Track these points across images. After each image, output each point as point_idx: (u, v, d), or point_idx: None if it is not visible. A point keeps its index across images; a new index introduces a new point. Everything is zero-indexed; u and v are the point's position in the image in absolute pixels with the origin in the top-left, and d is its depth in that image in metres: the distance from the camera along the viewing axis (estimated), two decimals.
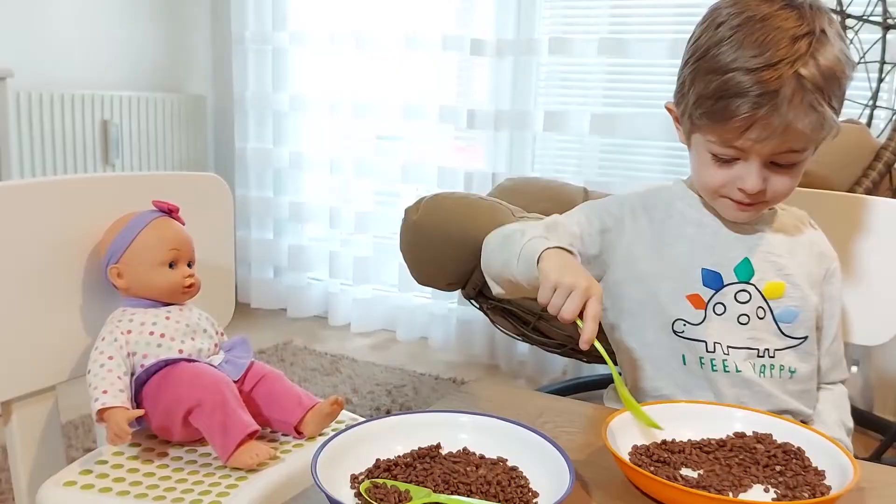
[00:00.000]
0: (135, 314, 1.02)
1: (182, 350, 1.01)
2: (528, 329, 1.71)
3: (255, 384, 1.03)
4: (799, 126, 0.88)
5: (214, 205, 1.24)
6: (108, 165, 2.82)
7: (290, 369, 2.50)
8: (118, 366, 0.96)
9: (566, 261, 0.89)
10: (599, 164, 2.50)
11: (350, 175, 2.88)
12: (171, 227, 1.06)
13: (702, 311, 1.00)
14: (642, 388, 1.06)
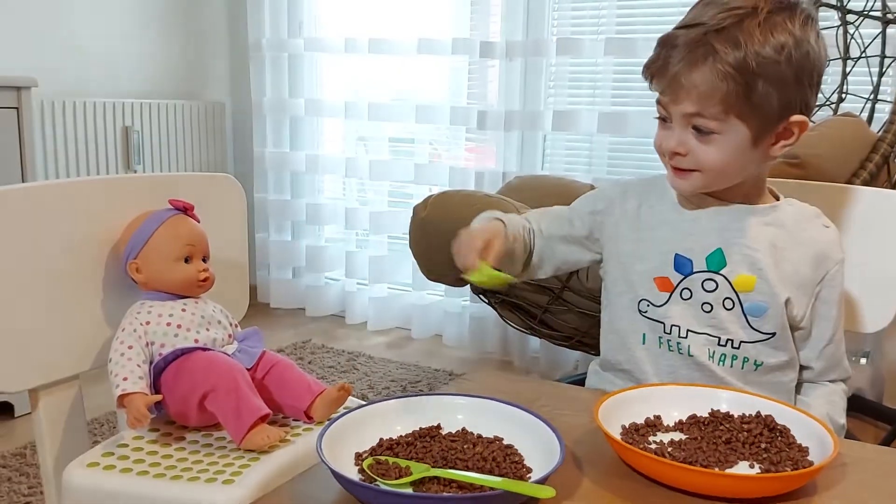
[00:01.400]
0: (153, 306, 1.07)
1: (197, 340, 1.06)
2: (535, 322, 1.74)
3: (267, 372, 1.08)
4: (686, 80, 0.92)
5: (228, 203, 1.29)
6: (130, 170, 2.87)
7: (308, 367, 2.55)
8: (137, 354, 1.01)
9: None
10: (609, 163, 2.52)
11: (365, 177, 2.92)
12: (186, 224, 1.11)
13: (666, 294, 1.03)
14: (609, 359, 1.11)
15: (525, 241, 1.10)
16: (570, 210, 1.15)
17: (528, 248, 1.11)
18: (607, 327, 1.13)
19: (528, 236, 1.11)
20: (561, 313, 1.65)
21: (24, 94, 2.18)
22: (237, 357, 1.06)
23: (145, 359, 1.02)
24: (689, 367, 1.03)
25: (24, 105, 2.21)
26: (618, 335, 1.09)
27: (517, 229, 1.08)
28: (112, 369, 1.00)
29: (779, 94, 0.93)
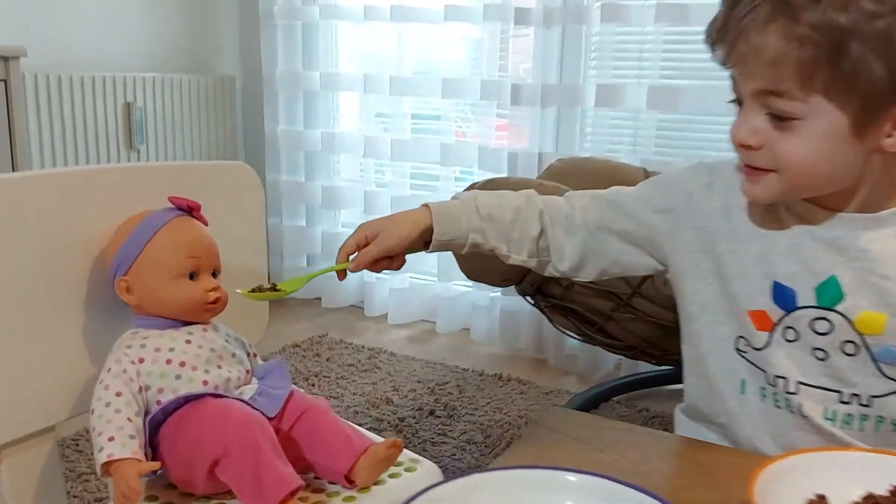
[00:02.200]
0: (148, 337, 0.82)
1: (206, 381, 0.81)
2: (593, 330, 1.50)
3: (296, 420, 0.83)
4: (751, 46, 0.69)
5: (243, 197, 1.04)
6: (133, 151, 2.64)
7: (326, 365, 2.31)
8: (128, 404, 0.76)
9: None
10: (657, 143, 2.26)
11: (385, 157, 2.67)
12: (190, 229, 0.86)
13: (765, 334, 0.79)
14: (698, 407, 0.87)
15: (513, 235, 0.90)
16: (630, 198, 0.90)
17: (524, 244, 0.90)
18: (693, 367, 0.88)
19: (527, 226, 0.90)
20: (627, 322, 1.40)
21: (11, 66, 1.94)
22: (257, 403, 0.81)
23: (138, 409, 0.77)
24: (802, 429, 0.79)
25: (12, 77, 1.97)
26: (707, 380, 0.85)
27: (486, 221, 0.89)
28: (94, 425, 0.75)
29: (886, 62, 0.67)
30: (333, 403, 2.03)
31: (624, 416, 1.98)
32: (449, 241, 0.90)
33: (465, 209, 0.90)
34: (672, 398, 2.21)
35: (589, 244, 0.90)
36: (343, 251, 0.89)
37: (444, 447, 1.82)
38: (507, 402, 2.08)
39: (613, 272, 0.92)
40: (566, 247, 0.91)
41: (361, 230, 0.89)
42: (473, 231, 0.90)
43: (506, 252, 0.91)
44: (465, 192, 0.95)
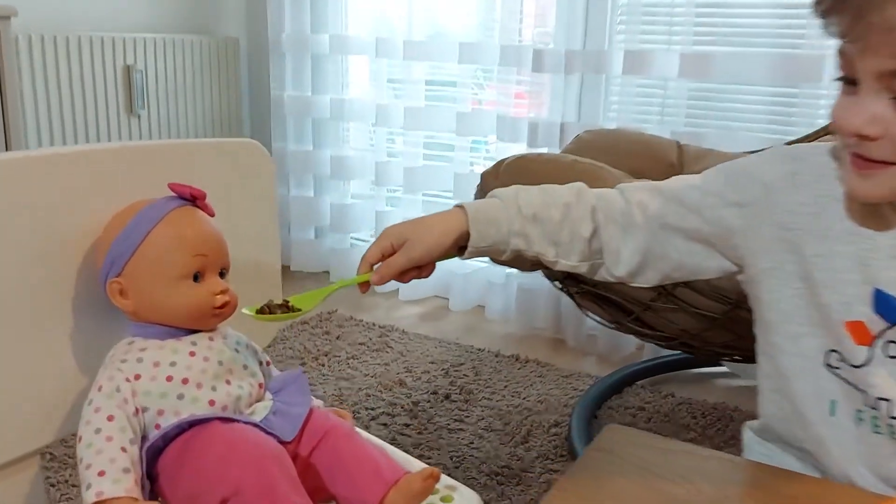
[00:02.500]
0: (145, 349, 0.70)
1: (213, 401, 0.70)
2: (629, 319, 1.38)
3: (317, 444, 0.72)
4: (881, 17, 0.56)
5: (253, 180, 0.92)
6: (133, 116, 2.50)
7: (336, 343, 2.21)
8: (122, 431, 0.65)
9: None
10: (688, 114, 2.12)
11: (397, 126, 2.53)
12: (195, 221, 0.74)
13: (864, 349, 0.67)
14: (775, 429, 0.76)
15: (561, 239, 0.78)
16: (695, 190, 0.78)
17: (575, 247, 0.79)
18: (771, 383, 0.77)
19: (578, 226, 0.78)
20: (668, 312, 1.29)
21: (1, 26, 1.81)
22: (272, 425, 0.70)
23: (134, 436, 0.66)
24: None
25: (2, 39, 1.84)
26: (789, 400, 0.73)
27: (530, 223, 0.77)
28: (82, 456, 0.64)
29: None
30: (344, 385, 1.93)
31: (649, 401, 1.88)
32: (488, 248, 0.79)
33: (507, 210, 0.78)
34: (698, 382, 2.12)
35: (650, 245, 0.78)
36: (365, 261, 0.79)
37: (461, 435, 1.72)
38: (526, 386, 1.98)
39: (677, 276, 0.81)
40: (623, 249, 0.79)
41: (386, 237, 0.78)
42: (516, 235, 0.78)
43: (553, 257, 0.79)
44: (504, 190, 0.83)
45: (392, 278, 0.78)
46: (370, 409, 1.82)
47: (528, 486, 1.52)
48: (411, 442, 1.67)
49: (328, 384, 1.94)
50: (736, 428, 1.75)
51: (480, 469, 1.58)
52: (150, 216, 0.72)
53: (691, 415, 1.83)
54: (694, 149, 1.83)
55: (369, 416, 1.77)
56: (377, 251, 0.78)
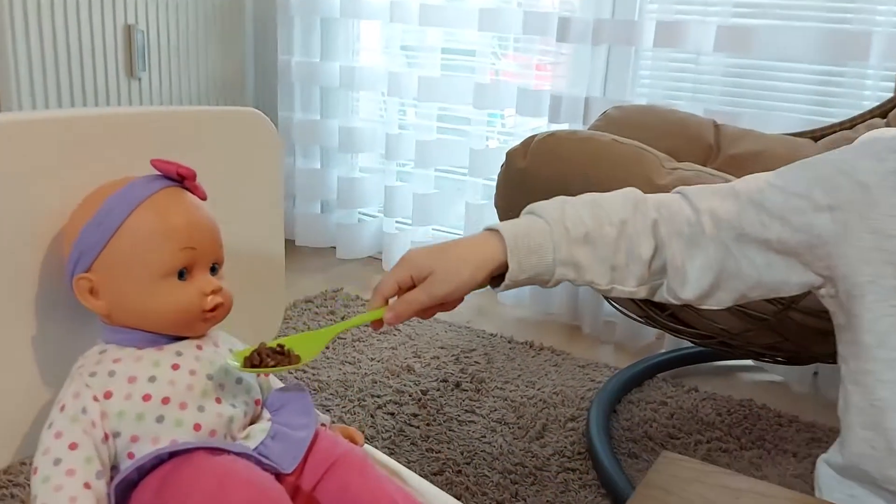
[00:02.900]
0: (119, 360, 0.58)
1: (200, 424, 0.58)
2: (664, 315, 1.26)
3: (322, 477, 0.60)
4: None
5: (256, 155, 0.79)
6: (134, 79, 2.37)
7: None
8: (87, 462, 0.53)
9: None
10: (723, 91, 1.97)
11: (410, 96, 2.39)
12: (182, 206, 0.62)
13: None
14: (863, 468, 0.64)
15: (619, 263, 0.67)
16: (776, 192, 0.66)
17: (633, 270, 0.68)
18: (861, 416, 0.65)
19: (637, 245, 0.67)
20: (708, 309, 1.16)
21: None
22: (270, 453, 0.58)
23: (101, 469, 0.54)
24: None
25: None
26: (884, 435, 0.62)
27: (580, 246, 0.66)
28: (37, 492, 0.52)
29: None
30: (349, 370, 1.82)
31: (671, 396, 1.77)
32: (528, 279, 0.67)
33: (552, 234, 0.67)
34: (722, 375, 2.01)
35: (723, 261, 0.66)
36: (379, 293, 0.67)
37: (473, 427, 1.61)
38: (541, 376, 1.86)
39: (754, 296, 0.68)
40: (691, 267, 0.67)
41: (405, 267, 0.66)
42: (563, 265, 0.67)
43: (607, 285, 0.68)
44: (546, 205, 0.70)
45: (410, 317, 0.66)
46: (376, 396, 1.71)
47: (544, 487, 1.42)
48: (419, 434, 1.57)
49: (332, 368, 1.83)
50: (764, 427, 1.65)
51: (493, 466, 1.47)
52: (126, 199, 0.59)
53: (716, 411, 1.72)
54: (732, 129, 1.69)
55: (375, 405, 1.67)
56: (393, 283, 0.66)
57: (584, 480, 1.43)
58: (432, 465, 1.46)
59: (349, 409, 1.64)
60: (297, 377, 1.78)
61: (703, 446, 1.57)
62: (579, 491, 1.40)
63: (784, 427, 1.66)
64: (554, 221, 0.67)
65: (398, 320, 0.65)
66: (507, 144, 2.33)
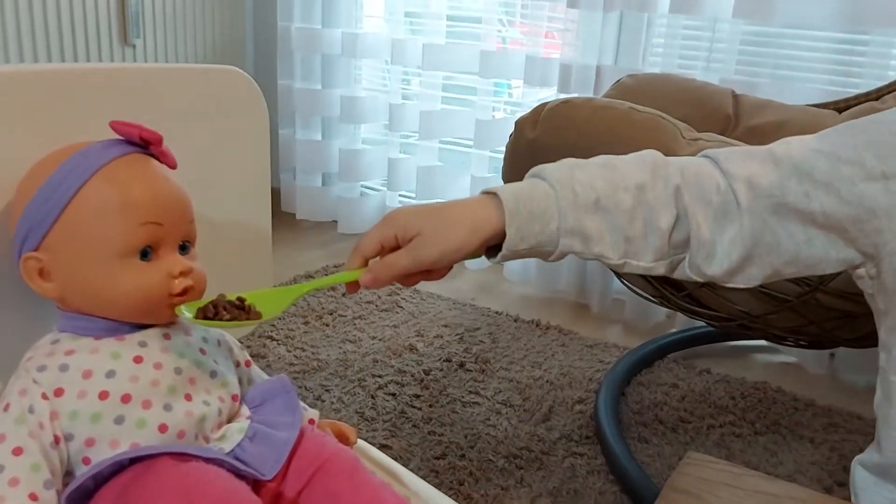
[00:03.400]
0: (73, 351, 0.51)
1: (166, 425, 0.50)
2: (680, 296, 1.18)
3: (307, 483, 0.53)
4: None
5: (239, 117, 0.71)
6: (128, 47, 2.28)
7: (341, 301, 2.02)
8: (33, 469, 0.46)
9: None
10: (739, 59, 1.87)
11: (414, 65, 2.29)
12: (145, 176, 0.53)
13: None
14: None
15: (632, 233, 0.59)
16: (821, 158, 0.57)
17: (650, 242, 0.59)
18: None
19: (656, 214, 0.59)
20: (728, 290, 1.09)
21: None
22: (248, 457, 0.51)
23: (51, 477, 0.47)
24: None
25: None
26: None
27: (590, 214, 0.58)
28: None
29: None
30: (349, 349, 1.75)
31: (682, 378, 1.70)
32: (529, 250, 0.58)
33: (557, 199, 0.58)
34: (735, 357, 1.93)
35: (758, 234, 0.57)
36: (359, 252, 0.59)
37: (477, 409, 1.55)
38: (547, 356, 1.79)
39: (787, 273, 0.60)
40: (720, 240, 0.59)
41: (391, 225, 0.58)
42: (569, 234, 0.58)
43: (619, 259, 0.60)
44: (553, 167, 0.61)
45: (391, 282, 0.58)
46: (377, 376, 1.65)
47: (551, 472, 1.35)
48: (421, 416, 1.50)
49: (332, 347, 1.76)
50: (779, 411, 1.58)
51: (497, 450, 1.41)
52: (80, 167, 0.51)
53: (729, 394, 1.65)
54: (751, 99, 1.60)
55: (376, 385, 1.60)
56: (376, 242, 0.58)
57: (592, 466, 1.37)
58: (434, 448, 1.39)
59: (349, 390, 1.58)
60: (294, 356, 1.71)
61: (715, 431, 1.50)
62: (587, 477, 1.34)
63: (800, 411, 1.59)
64: (560, 185, 0.58)
65: (376, 284, 0.58)
66: (514, 116, 2.25)
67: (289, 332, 1.83)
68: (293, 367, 1.65)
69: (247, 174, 0.72)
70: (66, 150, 0.53)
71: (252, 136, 0.71)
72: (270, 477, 0.51)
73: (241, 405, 0.57)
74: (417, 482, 0.63)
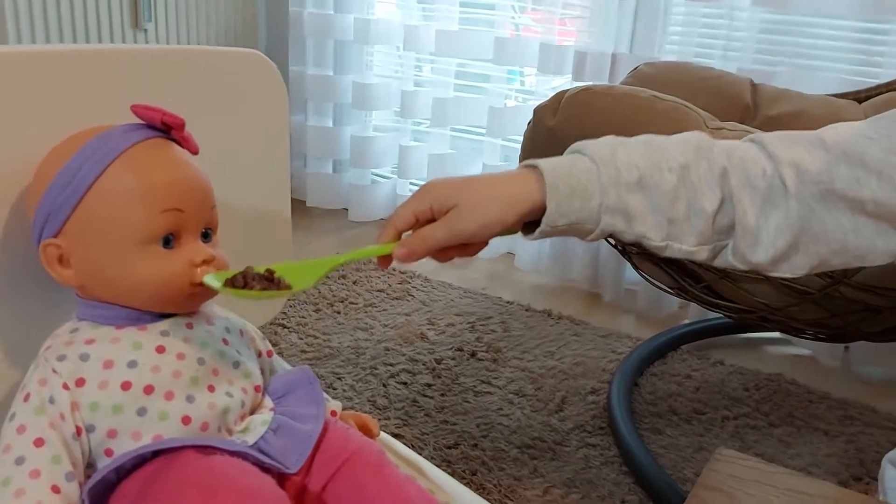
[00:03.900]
0: (94, 340, 0.49)
1: (189, 417, 0.49)
2: (699, 287, 1.16)
3: (333, 476, 0.51)
4: None
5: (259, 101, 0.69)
6: (139, 31, 2.26)
7: (353, 289, 2.01)
8: (54, 461, 0.45)
9: None
10: (757, 48, 1.84)
11: (427, 51, 2.26)
12: (167, 161, 0.52)
13: None
14: None
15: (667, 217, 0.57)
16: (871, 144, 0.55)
17: (694, 225, 0.57)
18: None
19: (700, 196, 0.56)
20: (749, 282, 1.07)
21: None
22: (271, 450, 0.49)
23: (72, 470, 0.46)
24: None
25: None
26: None
27: (632, 192, 0.56)
28: None
29: None
30: (361, 337, 1.74)
31: (696, 369, 1.68)
32: (568, 227, 0.56)
33: (599, 175, 0.56)
34: (749, 348, 1.91)
35: (805, 221, 0.55)
36: (391, 225, 0.57)
37: (489, 399, 1.54)
38: (560, 345, 1.78)
39: (834, 263, 0.58)
40: (765, 226, 0.56)
41: (426, 197, 0.56)
42: (610, 212, 0.56)
43: (661, 241, 0.57)
44: (594, 143, 0.59)
45: (425, 255, 0.56)
46: (389, 364, 1.63)
47: (564, 463, 1.34)
48: (434, 405, 1.49)
49: (344, 335, 1.75)
50: (794, 404, 1.56)
51: (510, 440, 1.40)
52: (100, 152, 0.49)
53: (743, 386, 1.63)
54: (770, 89, 1.57)
55: (388, 374, 1.59)
56: (410, 214, 0.56)
57: (606, 457, 1.36)
58: (447, 437, 1.38)
59: (361, 378, 1.57)
60: (306, 343, 1.70)
61: (730, 422, 1.48)
62: (601, 467, 1.33)
63: (815, 403, 1.57)
64: (602, 161, 0.56)
65: (410, 258, 0.56)
66: (526, 104, 2.22)
67: (300, 319, 1.81)
68: (305, 355, 1.64)
69: (266, 160, 0.70)
70: (86, 134, 0.51)
71: (272, 122, 0.70)
72: (295, 470, 0.50)
73: (264, 396, 0.56)
74: (439, 475, 0.61)
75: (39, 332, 0.51)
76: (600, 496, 1.25)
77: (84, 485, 0.46)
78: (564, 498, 1.24)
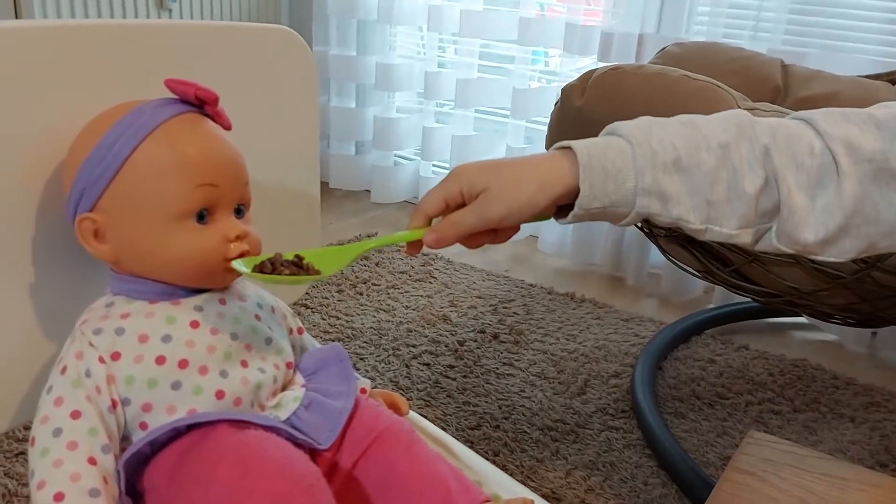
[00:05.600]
0: (129, 315, 0.49)
1: (223, 392, 0.49)
2: (727, 271, 1.15)
3: (363, 453, 0.51)
4: None
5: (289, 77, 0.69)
6: (164, 11, 2.26)
7: (375, 271, 2.01)
8: (91, 433, 0.45)
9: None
10: (787, 29, 1.80)
11: (451, 32, 2.24)
12: (201, 136, 0.52)
13: None
14: None
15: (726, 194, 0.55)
16: None
17: (736, 208, 0.55)
18: None
19: (741, 176, 0.54)
20: (779, 266, 1.05)
21: None
22: (303, 426, 0.49)
23: (108, 442, 0.46)
24: None
25: None
26: None
27: (669, 173, 0.54)
28: (34, 467, 0.44)
29: None
30: (384, 318, 1.74)
31: (720, 354, 1.66)
32: (602, 210, 0.55)
33: (635, 156, 0.54)
34: (773, 333, 1.89)
35: (858, 202, 0.53)
36: (421, 210, 0.56)
37: (511, 381, 1.53)
38: (582, 329, 1.77)
39: (882, 246, 0.56)
40: (814, 206, 0.54)
41: (455, 181, 0.55)
42: (646, 194, 0.54)
43: (700, 224, 0.55)
44: (629, 124, 0.57)
45: (455, 241, 0.55)
46: (411, 346, 1.63)
47: (586, 445, 1.33)
48: (456, 386, 1.49)
49: (367, 316, 1.75)
50: (819, 389, 1.54)
51: (532, 422, 1.39)
52: (134, 127, 0.49)
53: (768, 371, 1.61)
54: (801, 70, 1.54)
55: (410, 355, 1.59)
56: (440, 199, 0.55)
57: (629, 440, 1.35)
58: (469, 419, 1.38)
59: (383, 359, 1.57)
60: (329, 324, 1.71)
61: (753, 407, 1.47)
62: (623, 451, 1.32)
63: (840, 390, 1.55)
64: (638, 142, 0.55)
65: (440, 244, 0.55)
66: (550, 86, 2.20)
67: (323, 300, 1.82)
68: (328, 336, 1.65)
69: (296, 138, 0.70)
70: (120, 109, 0.51)
71: (302, 99, 0.69)
72: (327, 446, 0.50)
73: (296, 373, 0.56)
74: (468, 453, 0.61)
75: (75, 307, 0.52)
76: (622, 479, 1.24)
77: (119, 457, 0.47)
78: (587, 480, 1.24)
